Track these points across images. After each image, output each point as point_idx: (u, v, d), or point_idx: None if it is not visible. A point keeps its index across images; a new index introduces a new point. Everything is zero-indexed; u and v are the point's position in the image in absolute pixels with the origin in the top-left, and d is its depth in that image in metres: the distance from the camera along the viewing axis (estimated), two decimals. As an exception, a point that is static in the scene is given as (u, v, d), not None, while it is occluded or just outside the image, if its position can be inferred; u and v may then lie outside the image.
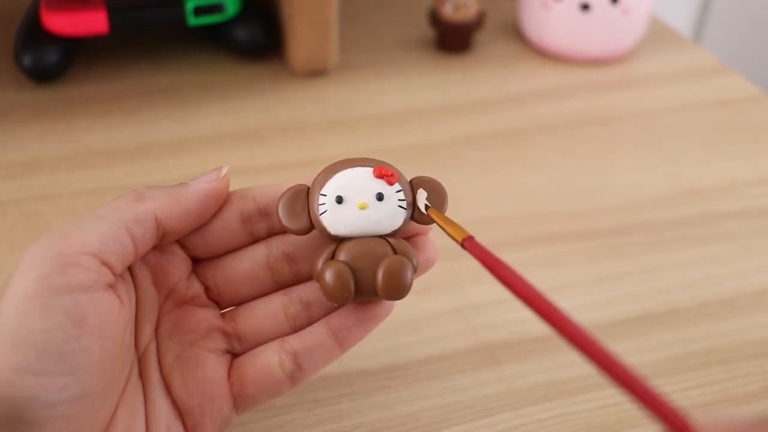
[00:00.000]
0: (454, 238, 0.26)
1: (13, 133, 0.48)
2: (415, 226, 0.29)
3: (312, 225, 0.28)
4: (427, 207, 0.28)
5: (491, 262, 0.24)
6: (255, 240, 0.29)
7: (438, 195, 0.28)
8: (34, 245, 0.25)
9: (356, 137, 0.49)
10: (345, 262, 0.27)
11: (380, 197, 0.27)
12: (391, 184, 0.28)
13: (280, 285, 0.29)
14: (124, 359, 0.26)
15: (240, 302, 0.29)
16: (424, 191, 0.28)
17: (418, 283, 0.28)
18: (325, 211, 0.27)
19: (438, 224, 0.27)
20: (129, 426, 0.26)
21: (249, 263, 0.29)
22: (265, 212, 0.29)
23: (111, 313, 0.25)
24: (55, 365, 0.23)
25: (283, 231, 0.29)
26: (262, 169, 0.46)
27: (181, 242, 0.28)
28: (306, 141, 0.48)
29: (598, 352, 0.21)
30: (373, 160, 0.28)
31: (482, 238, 0.26)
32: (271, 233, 0.29)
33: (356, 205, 0.27)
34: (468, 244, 0.26)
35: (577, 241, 0.42)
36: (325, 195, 0.27)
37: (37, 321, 0.23)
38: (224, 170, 0.28)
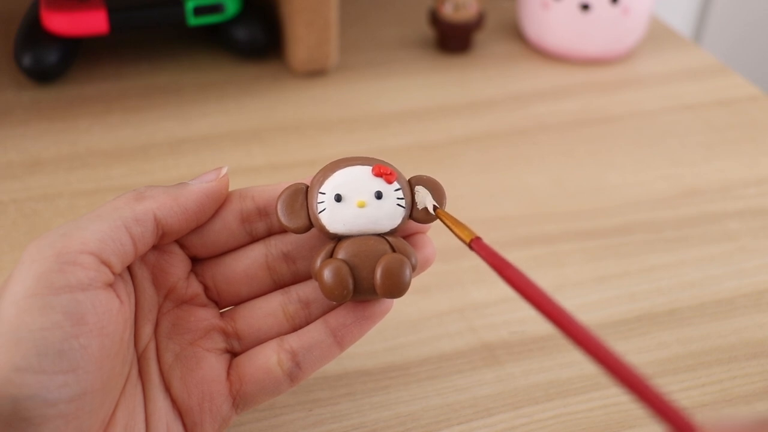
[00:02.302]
0: (461, 239, 0.26)
1: (13, 133, 0.48)
2: (413, 225, 0.29)
3: (311, 223, 0.28)
4: (435, 208, 0.28)
5: (499, 264, 0.25)
6: (254, 239, 0.29)
7: (437, 194, 0.28)
8: (33, 244, 0.25)
9: (356, 137, 0.49)
10: (343, 260, 0.27)
11: (379, 195, 0.27)
12: (389, 182, 0.28)
13: (279, 284, 0.29)
14: (124, 358, 0.26)
15: (239, 301, 0.29)
16: (425, 190, 0.28)
17: (417, 282, 0.28)
18: (324, 210, 0.27)
19: (446, 225, 0.27)
20: (128, 425, 0.26)
21: (248, 263, 0.29)
22: (264, 212, 0.29)
23: (110, 311, 0.25)
24: (55, 363, 0.23)
25: (282, 230, 0.29)
26: (262, 169, 0.46)
27: (180, 242, 0.29)
28: (305, 141, 0.48)
29: (605, 354, 0.21)
30: (372, 158, 0.28)
31: (483, 239, 0.26)
32: (270, 233, 0.29)
33: (355, 203, 0.27)
34: (476, 245, 0.26)
35: (577, 241, 0.42)
36: (324, 193, 0.27)
37: (36, 319, 0.23)
38: (224, 170, 0.28)
